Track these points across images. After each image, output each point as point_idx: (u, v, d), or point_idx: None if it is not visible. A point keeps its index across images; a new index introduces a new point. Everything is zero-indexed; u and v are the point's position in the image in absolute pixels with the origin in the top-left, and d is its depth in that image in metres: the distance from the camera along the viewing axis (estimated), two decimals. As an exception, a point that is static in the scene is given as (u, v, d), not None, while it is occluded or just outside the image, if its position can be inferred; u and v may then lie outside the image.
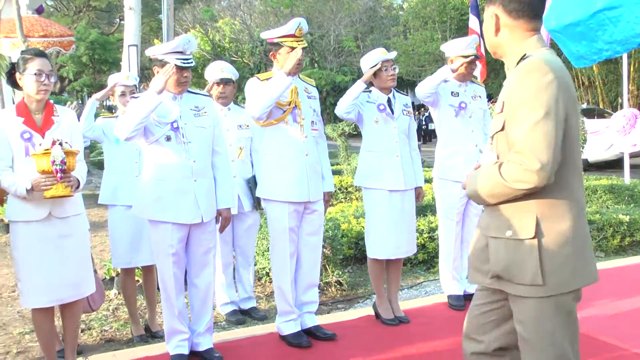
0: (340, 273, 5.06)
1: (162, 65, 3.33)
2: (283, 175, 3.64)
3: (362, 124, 4.12)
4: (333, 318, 4.23)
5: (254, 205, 4.36)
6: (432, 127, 22.17)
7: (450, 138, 4.34)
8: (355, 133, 8.52)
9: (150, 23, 30.03)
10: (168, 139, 3.33)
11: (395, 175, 4.01)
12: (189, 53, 3.40)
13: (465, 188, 2.11)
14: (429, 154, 8.23)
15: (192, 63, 3.39)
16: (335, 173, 8.40)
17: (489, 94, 6.04)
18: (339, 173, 9.58)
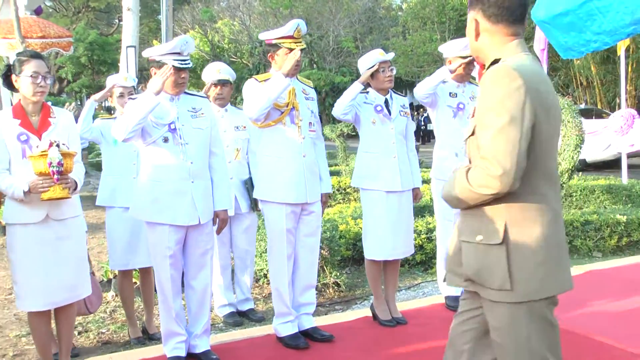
0: (338, 274, 5.05)
1: (159, 67, 3.33)
2: (280, 177, 3.64)
3: (359, 125, 4.12)
4: (330, 319, 4.22)
5: (251, 207, 4.36)
6: (430, 127, 22.15)
7: (449, 139, 4.34)
8: (354, 134, 8.52)
9: (149, 24, 30.04)
10: (165, 140, 3.33)
11: (393, 176, 4.01)
12: (187, 54, 3.40)
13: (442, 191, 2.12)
14: (428, 155, 8.23)
15: (189, 64, 3.39)
16: (334, 174, 8.41)
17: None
18: (338, 174, 9.58)
